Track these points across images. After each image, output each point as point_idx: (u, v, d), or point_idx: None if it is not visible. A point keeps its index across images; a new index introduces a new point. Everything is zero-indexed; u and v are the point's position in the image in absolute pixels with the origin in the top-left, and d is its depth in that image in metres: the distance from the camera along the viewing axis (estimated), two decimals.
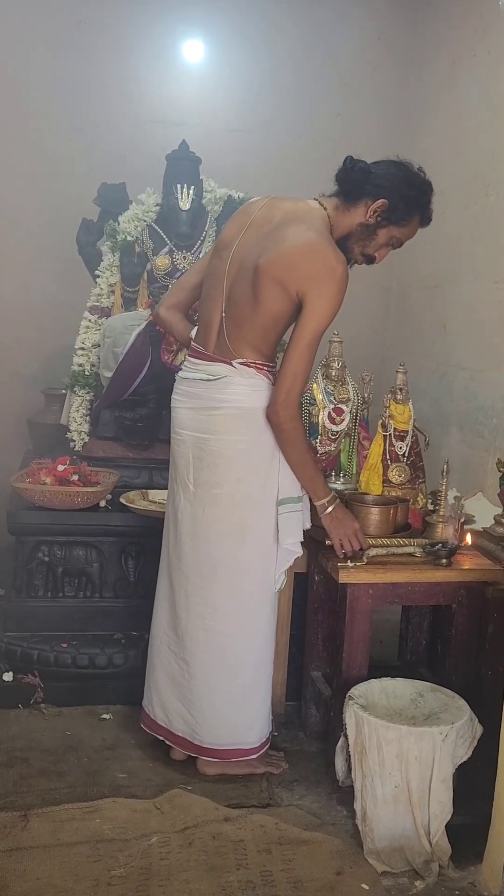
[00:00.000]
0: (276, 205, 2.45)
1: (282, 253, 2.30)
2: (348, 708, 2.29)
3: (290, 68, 4.56)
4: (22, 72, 4.29)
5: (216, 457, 2.43)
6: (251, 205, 2.51)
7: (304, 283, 2.28)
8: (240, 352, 2.41)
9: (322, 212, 2.41)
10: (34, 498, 3.11)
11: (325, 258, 2.29)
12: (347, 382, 3.12)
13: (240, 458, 2.42)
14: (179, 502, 2.51)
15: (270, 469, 2.45)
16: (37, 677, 2.96)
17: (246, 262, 2.37)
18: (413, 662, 3.05)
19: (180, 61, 4.52)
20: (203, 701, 2.54)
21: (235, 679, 2.53)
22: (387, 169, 2.44)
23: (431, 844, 2.21)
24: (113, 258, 3.59)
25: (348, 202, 2.42)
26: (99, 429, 3.56)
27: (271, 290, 2.32)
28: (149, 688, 2.67)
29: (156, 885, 2.09)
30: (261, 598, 2.53)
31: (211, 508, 2.45)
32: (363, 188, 2.40)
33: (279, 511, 2.48)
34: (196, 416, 2.46)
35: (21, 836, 2.25)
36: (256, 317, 2.37)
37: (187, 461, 2.48)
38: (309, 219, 2.37)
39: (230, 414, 2.41)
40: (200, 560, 2.48)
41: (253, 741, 2.58)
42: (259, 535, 2.48)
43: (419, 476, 3.08)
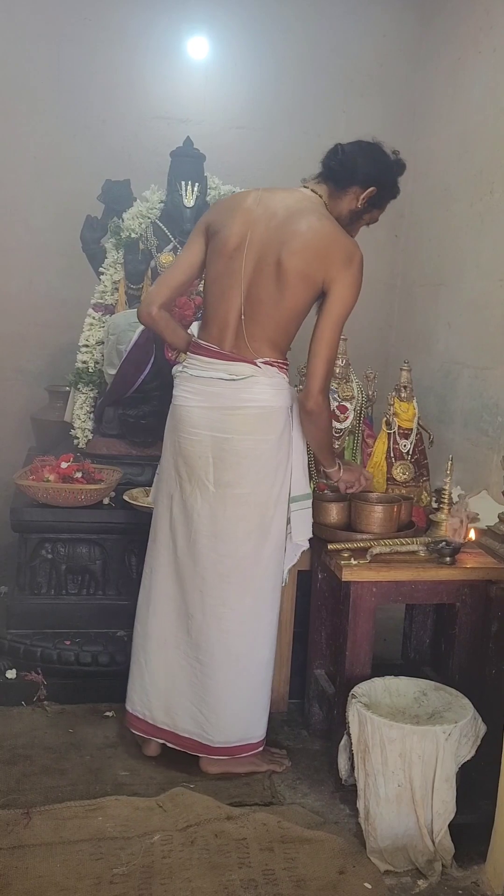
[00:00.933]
0: (271, 197, 2.45)
1: (305, 245, 2.33)
2: (351, 706, 2.29)
3: (295, 65, 4.55)
4: (26, 68, 4.29)
5: (240, 457, 2.42)
6: (241, 199, 2.49)
7: (330, 271, 2.33)
8: (260, 351, 2.42)
9: (319, 200, 2.46)
10: (37, 495, 3.11)
11: (345, 245, 2.36)
12: (352, 380, 3.12)
13: (263, 457, 2.43)
14: (196, 502, 2.47)
15: (287, 468, 2.49)
16: (40, 675, 2.96)
17: (265, 259, 2.37)
18: (416, 661, 3.04)
19: (185, 58, 4.51)
20: (218, 699, 2.52)
21: (248, 676, 2.53)
22: (372, 156, 2.47)
23: (434, 843, 2.21)
24: (117, 255, 3.59)
25: (338, 189, 2.46)
26: (102, 426, 3.55)
27: (297, 283, 2.35)
28: (143, 691, 2.62)
29: (158, 883, 2.09)
30: (272, 594, 2.55)
31: (233, 509, 2.44)
32: (353, 176, 2.44)
33: (291, 508, 2.51)
34: (215, 415, 2.44)
35: (23, 834, 2.25)
36: (281, 312, 2.39)
37: (206, 461, 2.45)
38: (316, 209, 2.41)
39: (254, 414, 2.42)
40: (218, 560, 2.46)
41: (258, 735, 2.59)
42: (276, 532, 2.50)
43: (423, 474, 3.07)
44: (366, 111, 4.59)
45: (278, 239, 2.35)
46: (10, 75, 4.28)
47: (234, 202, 2.51)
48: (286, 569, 2.58)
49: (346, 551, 2.55)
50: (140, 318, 2.61)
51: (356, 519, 2.69)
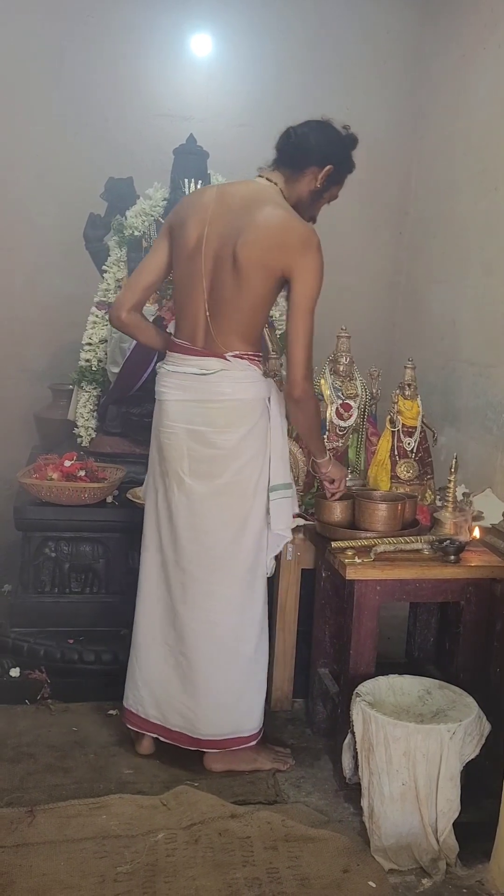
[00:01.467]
0: (228, 191, 2.48)
1: (258, 236, 2.33)
2: (355, 705, 2.28)
3: (298, 62, 4.54)
4: (29, 66, 4.28)
5: (215, 448, 2.45)
6: (200, 196, 2.52)
7: (288, 259, 2.33)
8: (229, 345, 2.43)
9: (275, 188, 2.46)
10: (41, 493, 3.11)
11: (301, 232, 2.35)
12: (355, 378, 3.11)
13: (238, 449, 2.45)
14: (173, 495, 2.51)
15: (264, 458, 2.50)
16: (44, 673, 2.96)
17: (221, 254, 2.39)
18: (421, 659, 3.04)
19: (188, 55, 4.50)
20: (204, 693, 2.54)
21: (235, 668, 2.54)
22: (325, 134, 2.47)
23: (439, 842, 2.20)
24: (120, 253, 3.58)
25: (295, 173, 2.47)
26: (106, 424, 3.55)
27: (255, 274, 2.35)
28: (136, 686, 2.64)
29: (162, 881, 2.09)
30: (256, 585, 2.55)
31: (211, 499, 2.47)
32: (309, 157, 2.45)
33: (270, 497, 2.52)
34: (190, 408, 2.47)
35: (27, 832, 2.25)
36: (242, 304, 2.40)
37: (181, 454, 2.48)
38: (271, 198, 2.41)
39: (228, 406, 2.44)
40: (200, 552, 2.49)
41: (251, 728, 2.59)
42: (255, 523, 2.51)
43: (427, 472, 3.07)
44: (369, 108, 4.57)
45: (233, 233, 2.37)
46: (13, 73, 4.28)
47: (193, 200, 2.55)
48: (269, 558, 2.59)
49: (350, 550, 2.55)
50: (111, 322, 2.68)
51: (360, 517, 2.68)
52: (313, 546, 2.89)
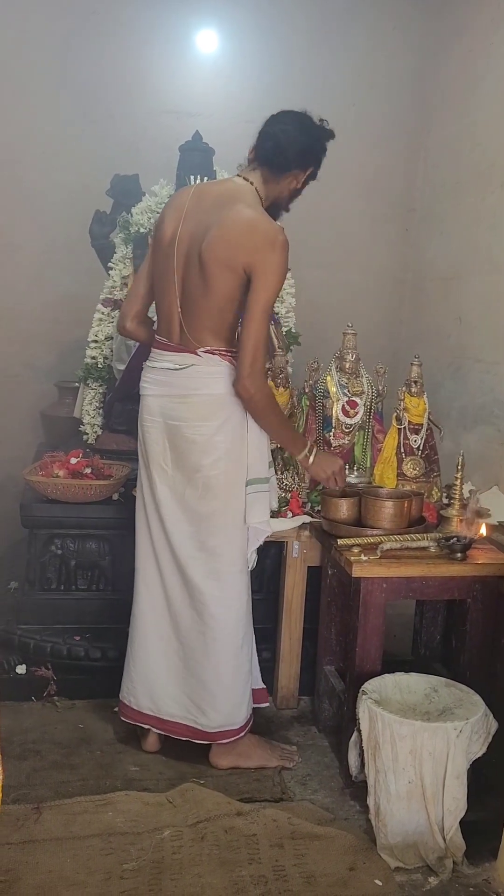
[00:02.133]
0: (204, 190, 2.52)
1: (221, 234, 2.35)
2: (362, 703, 2.28)
3: (304, 58, 4.52)
4: (35, 63, 4.28)
5: (189, 443, 2.47)
6: (179, 196, 2.57)
7: (249, 258, 2.34)
8: (202, 340, 2.45)
9: (250, 187, 2.46)
10: (47, 491, 3.11)
11: (265, 231, 2.35)
12: (361, 375, 3.10)
13: (212, 443, 2.47)
14: (157, 487, 2.54)
15: (241, 452, 2.51)
16: (50, 670, 2.97)
17: (191, 252, 2.42)
18: (427, 657, 3.03)
19: (194, 52, 4.49)
20: (195, 683, 2.56)
21: (223, 660, 2.55)
22: (304, 134, 2.47)
23: (445, 840, 2.20)
24: (126, 250, 3.58)
25: (276, 174, 2.48)
26: (112, 421, 3.55)
27: (219, 272, 2.37)
28: (130, 678, 2.68)
29: (168, 878, 2.09)
30: (238, 578, 2.56)
31: (190, 491, 2.50)
32: (291, 161, 2.46)
33: (247, 491, 2.52)
34: (166, 402, 2.51)
35: (34, 829, 2.25)
36: (210, 302, 2.41)
37: (162, 446, 2.53)
38: (240, 196, 2.42)
39: (200, 401, 2.46)
40: (185, 542, 2.52)
41: (239, 721, 2.60)
42: (233, 516, 2.52)
43: (434, 469, 3.06)
44: (375, 104, 4.56)
45: (201, 231, 2.39)
46: (18, 70, 4.27)
47: (173, 199, 2.60)
48: (249, 552, 2.58)
49: (356, 547, 2.54)
50: (119, 332, 2.78)
51: (366, 515, 2.68)
52: (319, 543, 2.89)
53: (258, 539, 2.59)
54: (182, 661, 2.58)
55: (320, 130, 2.50)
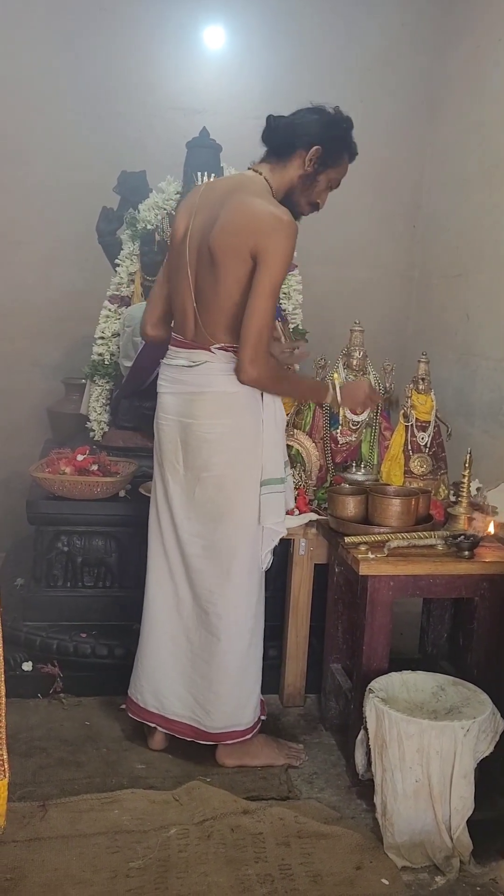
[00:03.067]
0: (215, 185, 2.53)
1: (227, 224, 2.33)
2: (368, 701, 2.27)
3: (312, 55, 4.51)
4: (41, 60, 4.27)
5: (202, 441, 2.45)
6: (191, 194, 2.58)
7: (255, 241, 2.30)
8: (216, 337, 2.43)
9: (259, 177, 2.44)
10: (54, 488, 3.11)
11: (268, 213, 2.32)
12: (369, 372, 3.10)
13: (224, 441, 2.45)
14: (169, 486, 2.53)
15: (255, 452, 2.48)
16: (56, 667, 2.97)
17: (201, 247, 2.40)
18: (434, 655, 3.02)
19: (201, 48, 4.48)
20: (201, 684, 2.55)
21: (230, 660, 2.54)
22: (309, 116, 2.45)
23: (452, 840, 2.19)
24: (133, 247, 3.58)
25: (282, 159, 2.45)
26: (118, 418, 3.55)
27: (228, 263, 2.34)
28: (137, 676, 2.68)
29: (174, 877, 2.08)
30: (250, 578, 2.54)
31: (200, 490, 2.48)
32: (293, 141, 2.43)
33: (262, 492, 2.49)
34: (180, 401, 2.49)
35: (40, 827, 2.25)
36: (222, 295, 2.38)
37: (175, 445, 2.51)
38: (248, 187, 2.40)
39: (212, 399, 2.44)
40: (195, 541, 2.51)
41: (246, 723, 2.58)
42: (246, 516, 2.49)
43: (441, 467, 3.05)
44: (382, 101, 4.55)
45: (209, 224, 2.38)
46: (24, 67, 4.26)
47: (185, 199, 2.60)
48: (264, 552, 2.56)
49: (364, 545, 2.53)
50: (142, 337, 2.77)
51: (373, 512, 2.67)
52: (326, 541, 2.88)
53: (273, 540, 2.56)
54: (189, 661, 2.57)
55: (324, 112, 2.46)
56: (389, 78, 4.60)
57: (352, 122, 2.48)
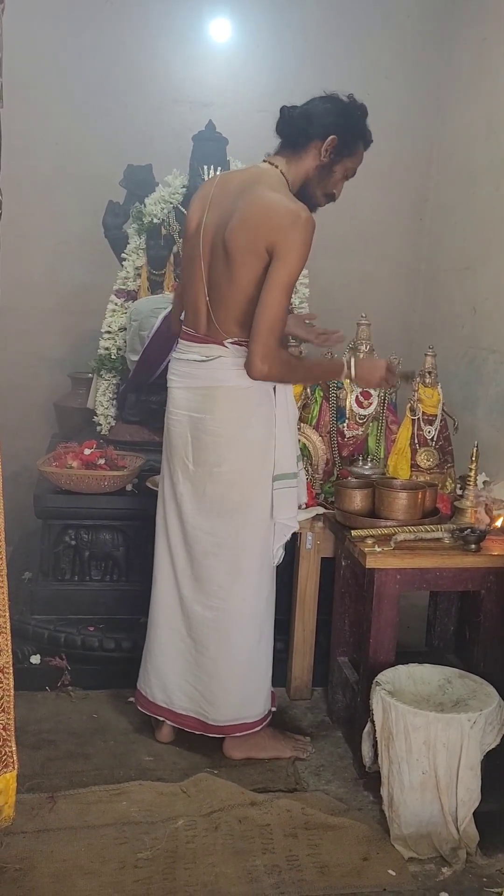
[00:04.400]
0: (230, 178, 2.50)
1: (244, 219, 2.31)
2: (375, 694, 2.28)
3: (318, 47, 4.49)
4: (47, 53, 4.26)
5: (214, 436, 2.45)
6: (205, 185, 2.56)
7: (271, 236, 2.28)
8: (229, 331, 2.42)
9: (274, 170, 2.42)
10: (61, 482, 3.12)
11: (285, 208, 2.30)
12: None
13: (236, 436, 2.44)
14: (178, 481, 2.52)
15: (267, 446, 2.47)
16: (64, 660, 2.98)
17: (216, 240, 2.39)
18: (441, 648, 3.03)
19: (207, 41, 4.46)
20: (208, 678, 2.56)
21: (239, 655, 2.54)
22: (323, 106, 2.43)
23: (459, 831, 2.20)
24: (139, 241, 3.58)
25: (297, 151, 2.43)
26: (125, 412, 3.55)
27: (243, 259, 2.32)
28: (145, 669, 2.68)
29: (182, 868, 2.10)
30: (261, 573, 2.54)
31: (212, 487, 2.47)
32: (309, 132, 2.40)
33: (274, 487, 2.49)
34: (192, 395, 2.48)
35: (48, 818, 2.26)
36: (236, 289, 2.37)
37: (185, 440, 2.50)
38: (264, 180, 2.38)
39: (225, 394, 2.43)
40: (204, 538, 2.50)
41: (255, 715, 2.59)
42: (258, 511, 2.49)
43: (448, 460, 3.05)
44: (389, 93, 4.52)
45: (224, 218, 2.36)
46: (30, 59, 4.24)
47: (199, 191, 2.58)
48: (276, 547, 2.55)
49: (370, 538, 2.54)
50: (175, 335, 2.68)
51: (380, 505, 2.67)
52: (333, 535, 2.88)
53: (285, 535, 2.56)
54: (193, 656, 2.57)
55: (339, 101, 2.43)
56: (396, 70, 4.58)
57: (366, 109, 2.46)
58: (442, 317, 4.44)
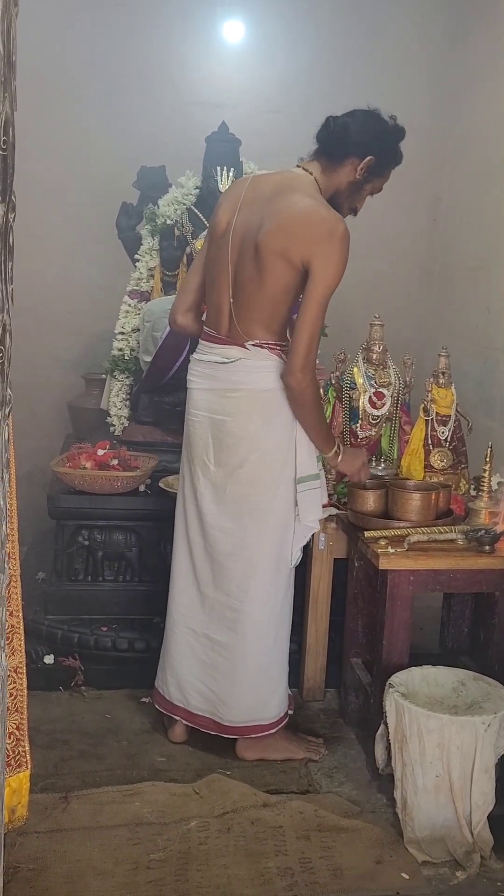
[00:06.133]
0: (262, 180, 2.48)
1: (280, 224, 2.31)
2: (388, 696, 2.27)
3: (331, 47, 4.48)
4: (61, 55, 4.28)
5: (235, 438, 2.45)
6: (236, 185, 2.55)
7: (308, 249, 2.29)
8: (251, 333, 2.41)
9: (309, 177, 2.43)
10: (74, 482, 3.13)
11: (324, 221, 2.30)
12: (389, 366, 3.08)
13: (258, 438, 2.44)
14: (199, 482, 2.52)
15: (288, 448, 2.47)
16: (77, 660, 2.99)
17: (246, 242, 2.38)
18: (455, 650, 3.01)
19: (220, 42, 4.46)
20: (224, 679, 2.56)
21: (255, 656, 2.54)
22: (366, 124, 2.44)
23: (473, 835, 2.18)
24: (152, 242, 3.58)
25: (334, 162, 2.43)
26: (138, 413, 3.56)
27: (274, 264, 2.32)
28: (163, 668, 2.69)
29: (194, 869, 2.09)
30: (278, 575, 2.54)
31: (232, 488, 2.47)
32: (349, 147, 2.41)
33: (298, 489, 2.49)
34: (212, 397, 2.48)
35: (61, 818, 2.27)
36: (263, 294, 2.37)
37: (206, 442, 2.50)
38: (299, 186, 2.38)
39: (246, 396, 2.43)
40: (224, 538, 2.50)
41: (271, 717, 2.59)
42: (278, 513, 2.49)
43: (462, 461, 3.03)
44: (403, 92, 4.50)
45: (257, 221, 2.35)
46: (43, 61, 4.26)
47: (229, 191, 2.57)
48: (295, 548, 2.55)
49: (383, 539, 2.53)
50: (170, 326, 2.75)
51: (393, 507, 2.66)
52: (346, 535, 2.88)
53: (305, 536, 2.57)
54: (209, 656, 2.57)
55: (382, 121, 2.44)
56: (409, 70, 4.57)
57: (405, 133, 2.48)
58: (455, 317, 4.43)
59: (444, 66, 4.57)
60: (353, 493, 2.74)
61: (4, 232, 1.31)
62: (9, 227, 1.33)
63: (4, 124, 1.28)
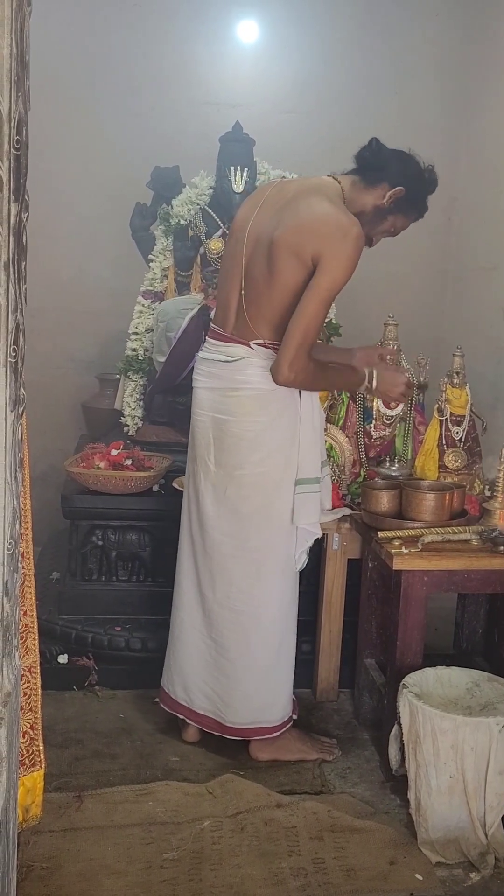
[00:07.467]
0: (289, 183, 2.52)
1: (296, 223, 2.31)
2: (402, 696, 2.26)
3: (345, 47, 4.47)
4: (75, 55, 4.29)
5: (237, 438, 2.44)
6: (263, 187, 2.57)
7: (318, 245, 2.28)
8: (259, 331, 2.41)
9: (336, 185, 2.43)
10: (88, 482, 3.13)
11: (338, 220, 2.30)
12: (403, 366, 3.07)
13: (259, 439, 2.43)
14: (200, 482, 2.52)
15: (290, 450, 2.46)
16: (91, 660, 2.99)
17: (261, 239, 2.38)
18: (469, 651, 3.00)
19: (234, 42, 4.46)
20: (227, 680, 2.55)
21: (258, 659, 2.54)
22: (406, 161, 2.46)
23: (487, 836, 2.18)
24: (166, 242, 3.58)
25: (366, 182, 2.43)
26: (152, 413, 3.56)
27: (286, 261, 2.32)
28: (169, 668, 2.69)
29: (207, 868, 2.10)
30: (282, 578, 2.53)
31: (233, 489, 2.46)
32: (385, 171, 2.42)
33: (296, 491, 2.47)
34: (215, 396, 2.47)
35: (75, 817, 2.27)
36: (273, 292, 2.36)
37: (208, 442, 2.49)
38: (323, 191, 2.38)
39: (248, 396, 2.42)
40: (224, 540, 2.49)
41: (274, 720, 2.58)
42: (279, 515, 2.48)
43: (476, 461, 3.02)
44: (417, 93, 4.50)
45: (276, 219, 2.36)
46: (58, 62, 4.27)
47: (256, 191, 2.59)
48: (298, 552, 2.54)
49: (397, 540, 2.52)
50: None
51: (407, 507, 2.65)
52: (359, 536, 2.87)
53: (307, 540, 2.55)
54: (212, 657, 2.57)
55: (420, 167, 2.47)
56: (424, 70, 4.55)
57: (437, 185, 2.51)
58: (470, 317, 4.41)
59: (458, 66, 4.55)
60: (366, 493, 2.74)
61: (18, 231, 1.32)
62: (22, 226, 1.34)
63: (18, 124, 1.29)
